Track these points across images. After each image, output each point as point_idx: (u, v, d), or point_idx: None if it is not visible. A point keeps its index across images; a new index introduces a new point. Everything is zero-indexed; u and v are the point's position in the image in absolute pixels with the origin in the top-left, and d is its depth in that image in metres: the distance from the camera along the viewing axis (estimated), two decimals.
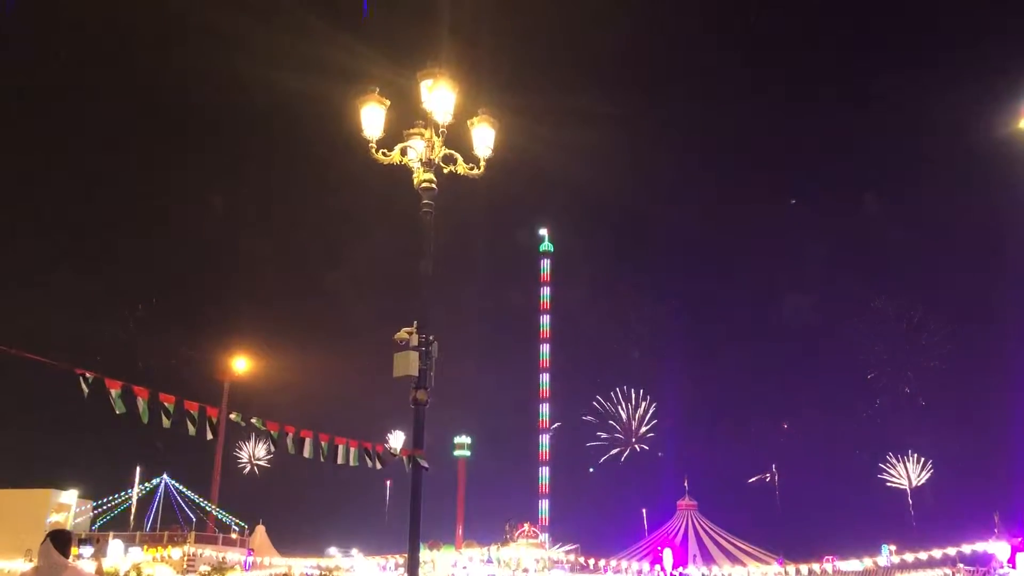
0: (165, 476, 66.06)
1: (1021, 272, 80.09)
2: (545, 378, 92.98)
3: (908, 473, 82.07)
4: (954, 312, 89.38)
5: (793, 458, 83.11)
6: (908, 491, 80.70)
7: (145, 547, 52.68)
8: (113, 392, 8.35)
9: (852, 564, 51.23)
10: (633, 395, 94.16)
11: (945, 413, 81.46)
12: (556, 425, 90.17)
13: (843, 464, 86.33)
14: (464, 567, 54.85)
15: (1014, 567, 43.02)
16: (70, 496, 56.88)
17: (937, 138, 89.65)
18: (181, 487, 65.87)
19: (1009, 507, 57.12)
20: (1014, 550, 43.49)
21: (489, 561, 53.65)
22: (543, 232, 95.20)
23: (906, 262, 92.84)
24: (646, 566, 53.34)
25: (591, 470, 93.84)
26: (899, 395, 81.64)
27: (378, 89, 11.21)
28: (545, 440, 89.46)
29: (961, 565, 48.79)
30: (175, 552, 50.35)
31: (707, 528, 76.83)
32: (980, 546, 46.74)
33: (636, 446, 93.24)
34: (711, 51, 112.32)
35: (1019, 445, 68.24)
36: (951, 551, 47.20)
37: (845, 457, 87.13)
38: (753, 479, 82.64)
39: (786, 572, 52.15)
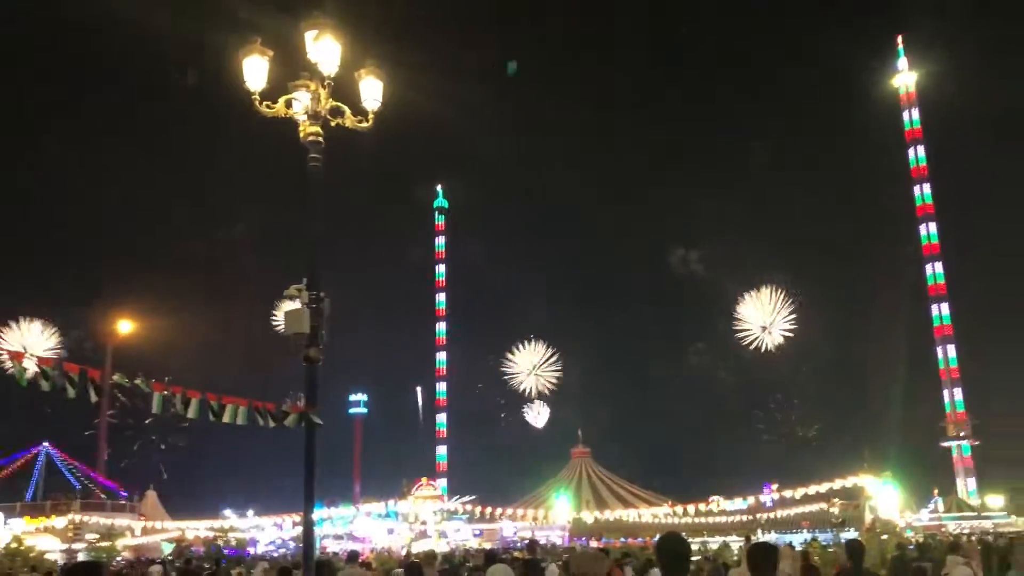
0: (46, 444, 63.45)
1: (891, 225, 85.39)
2: (443, 339, 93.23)
3: (792, 421, 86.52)
4: (827, 259, 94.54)
5: (683, 406, 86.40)
6: (789, 438, 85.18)
7: (27, 518, 50.66)
8: None
9: (737, 503, 53.84)
10: (533, 348, 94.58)
11: (820, 360, 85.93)
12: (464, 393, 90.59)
13: (729, 411, 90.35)
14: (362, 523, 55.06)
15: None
16: None
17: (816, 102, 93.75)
18: (63, 455, 63.41)
19: (878, 443, 61.38)
20: None
21: (387, 516, 53.96)
22: (438, 188, 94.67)
23: (789, 209, 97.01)
24: (541, 513, 54.70)
25: (503, 414, 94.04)
26: (780, 343, 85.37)
27: (260, 40, 10.82)
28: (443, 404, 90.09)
29: (836, 500, 52.01)
30: (59, 521, 48.59)
31: (600, 475, 79.18)
32: (851, 480, 49.74)
33: (537, 407, 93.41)
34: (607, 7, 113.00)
35: (884, 387, 73.06)
36: (825, 487, 50.18)
37: (731, 404, 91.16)
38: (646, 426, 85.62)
39: (675, 512, 54.36)
